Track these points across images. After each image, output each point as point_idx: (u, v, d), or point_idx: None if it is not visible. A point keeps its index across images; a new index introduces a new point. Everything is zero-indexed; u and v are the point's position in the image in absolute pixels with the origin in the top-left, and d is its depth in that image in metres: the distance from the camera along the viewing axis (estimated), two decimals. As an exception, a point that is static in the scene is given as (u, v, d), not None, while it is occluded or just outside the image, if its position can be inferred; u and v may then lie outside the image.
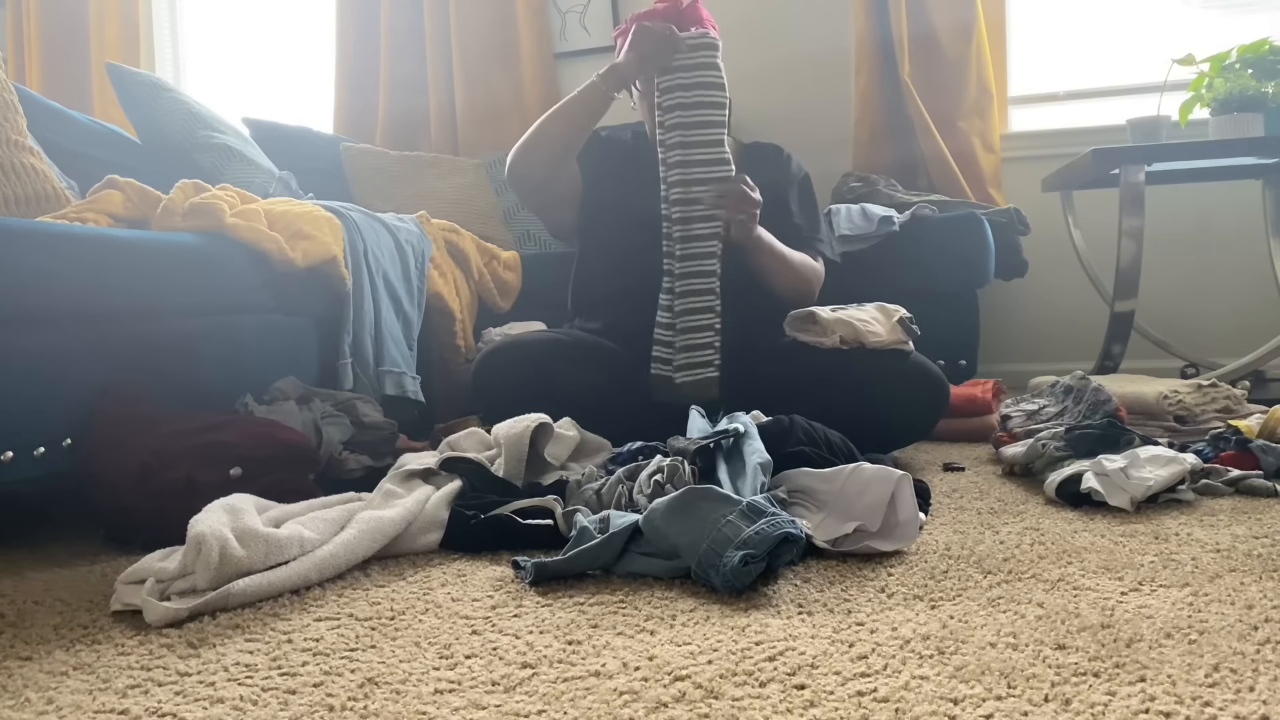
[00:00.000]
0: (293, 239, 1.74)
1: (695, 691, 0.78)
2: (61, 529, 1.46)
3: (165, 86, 2.47)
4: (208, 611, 1.01)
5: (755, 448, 1.33)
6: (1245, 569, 1.06)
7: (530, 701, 0.77)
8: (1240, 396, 1.88)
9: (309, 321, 1.85)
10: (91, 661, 0.90)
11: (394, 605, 1.03)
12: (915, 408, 1.73)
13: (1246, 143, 2.27)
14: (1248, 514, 1.31)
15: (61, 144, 2.18)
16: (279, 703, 0.79)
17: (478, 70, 3.32)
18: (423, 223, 2.29)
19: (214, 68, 3.78)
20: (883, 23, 2.93)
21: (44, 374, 1.29)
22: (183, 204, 1.65)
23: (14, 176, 1.69)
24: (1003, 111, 2.99)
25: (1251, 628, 0.87)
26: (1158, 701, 0.73)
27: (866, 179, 2.75)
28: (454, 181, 2.99)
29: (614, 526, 1.13)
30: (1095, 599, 0.97)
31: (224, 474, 1.31)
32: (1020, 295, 2.94)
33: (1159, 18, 2.91)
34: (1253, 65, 2.35)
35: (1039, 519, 1.32)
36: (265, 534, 1.08)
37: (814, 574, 1.09)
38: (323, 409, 1.63)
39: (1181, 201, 2.82)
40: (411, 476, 1.37)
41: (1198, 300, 2.86)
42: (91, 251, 1.36)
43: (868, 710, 0.73)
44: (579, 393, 1.70)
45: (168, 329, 1.50)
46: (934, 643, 0.86)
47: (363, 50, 3.42)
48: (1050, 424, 1.70)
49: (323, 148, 3.01)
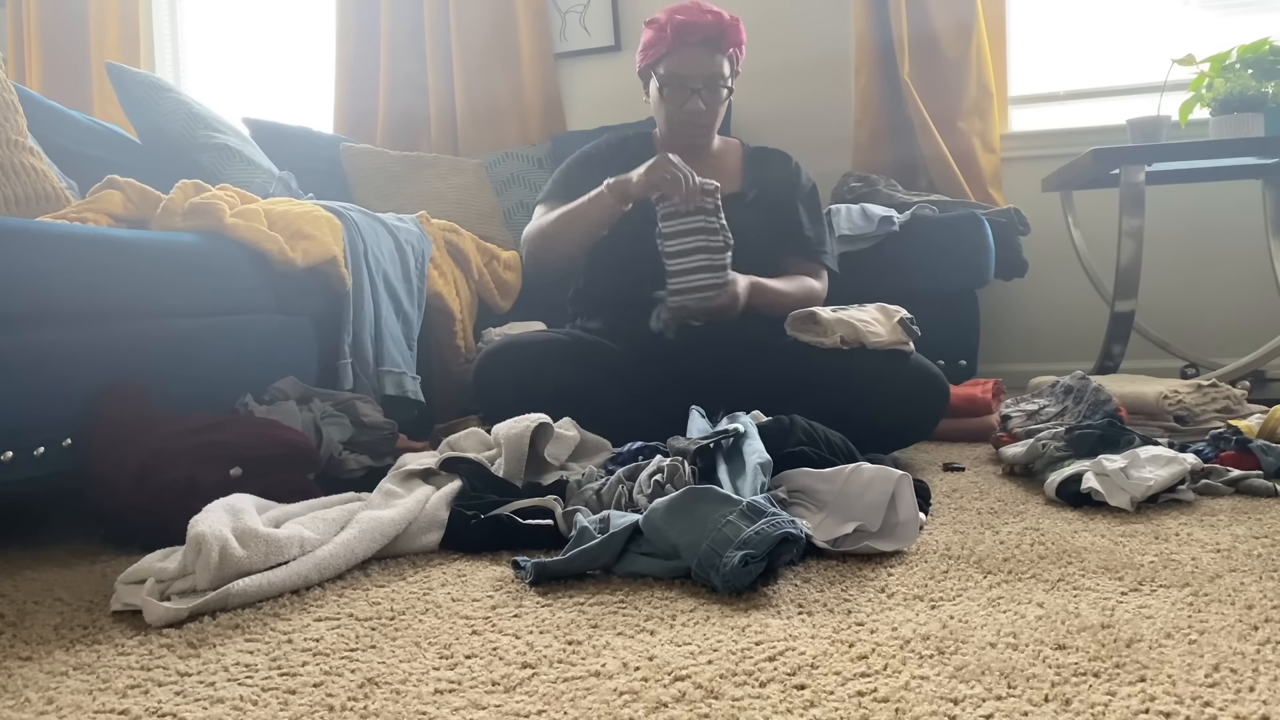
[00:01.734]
0: (293, 239, 1.74)
1: (695, 691, 0.78)
2: (61, 529, 1.46)
3: (165, 86, 2.47)
4: (208, 611, 1.01)
5: (755, 448, 1.33)
6: (1245, 569, 1.06)
7: (530, 701, 0.77)
8: (1240, 396, 1.88)
9: (309, 321, 1.85)
10: (91, 661, 0.90)
11: (394, 605, 1.03)
12: (915, 409, 1.73)
13: (1246, 143, 2.27)
14: (1248, 514, 1.31)
15: (61, 144, 2.18)
16: (279, 703, 0.79)
17: (478, 70, 3.32)
18: (423, 223, 2.29)
19: (214, 68, 3.78)
20: (883, 23, 2.93)
21: (44, 374, 1.29)
22: (183, 204, 1.65)
23: (14, 176, 1.69)
24: (1003, 111, 2.99)
25: (1251, 628, 0.87)
26: (1158, 701, 0.73)
27: (866, 179, 2.75)
28: (454, 181, 2.99)
29: (614, 527, 1.13)
30: (1095, 599, 0.97)
31: (224, 474, 1.31)
32: (1020, 295, 2.94)
33: (1159, 18, 2.91)
34: (1253, 65, 2.35)
35: (1039, 519, 1.32)
36: (265, 534, 1.08)
37: (814, 574, 1.09)
38: (323, 409, 1.63)
39: (1181, 201, 2.82)
40: (411, 476, 1.37)
41: (1198, 300, 2.86)
42: (91, 251, 1.36)
43: (868, 710, 0.73)
44: (579, 392, 1.70)
45: (168, 329, 1.50)
46: (934, 643, 0.86)
47: (363, 50, 3.42)
48: (1050, 424, 1.70)
49: (323, 148, 3.01)
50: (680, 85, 1.83)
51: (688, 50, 1.81)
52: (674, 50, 1.82)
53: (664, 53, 1.83)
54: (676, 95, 1.84)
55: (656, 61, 1.85)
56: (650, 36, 1.85)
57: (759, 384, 1.74)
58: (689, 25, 1.79)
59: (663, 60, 1.84)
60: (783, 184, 1.96)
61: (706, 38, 1.80)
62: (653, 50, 1.85)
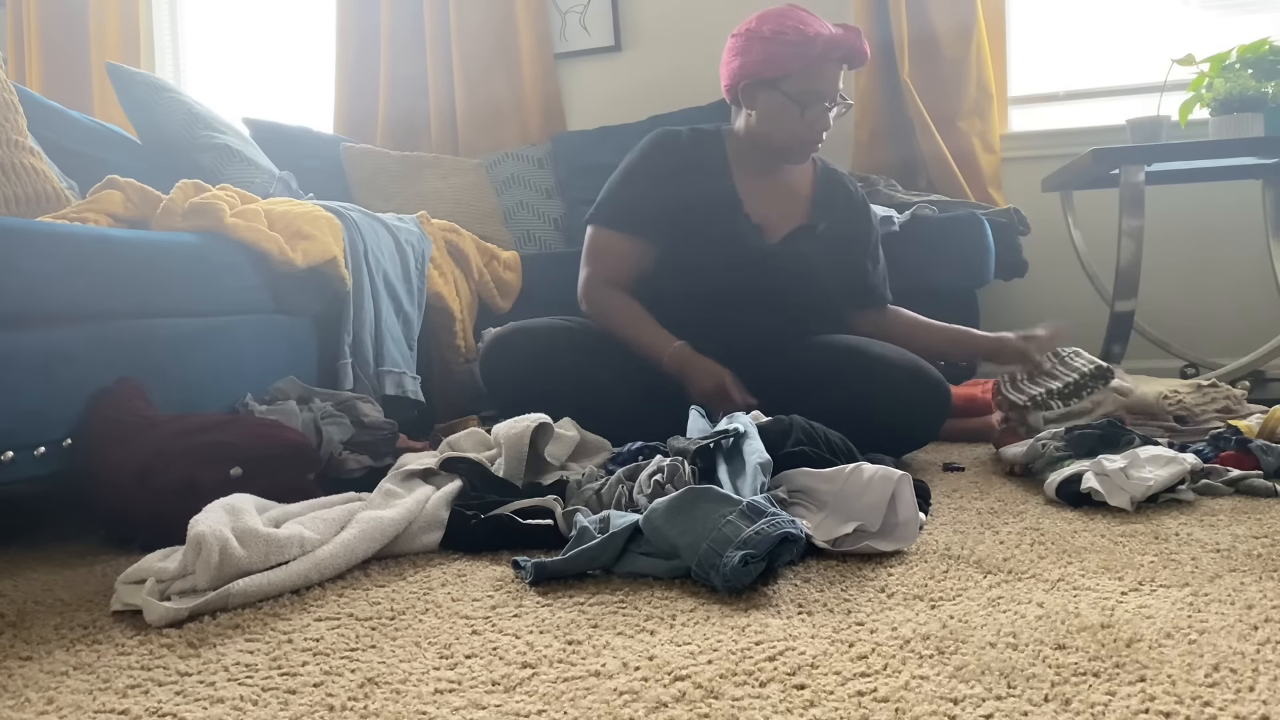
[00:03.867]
0: (293, 239, 1.74)
1: (695, 691, 0.78)
2: (61, 529, 1.46)
3: (165, 86, 2.47)
4: (208, 611, 1.01)
5: (755, 448, 1.33)
6: (1245, 569, 1.06)
7: (530, 701, 0.77)
8: (1240, 396, 1.88)
9: (309, 321, 1.85)
10: (91, 661, 0.90)
11: (394, 605, 1.03)
12: (917, 414, 1.73)
13: (1246, 143, 2.27)
14: (1248, 514, 1.31)
15: (61, 144, 2.18)
16: (279, 703, 0.79)
17: (478, 71, 3.32)
18: (423, 223, 2.29)
19: (214, 68, 3.78)
20: (883, 23, 2.93)
21: (44, 374, 1.29)
22: (183, 204, 1.65)
23: (14, 176, 1.69)
24: (1003, 111, 2.99)
25: (1251, 628, 0.87)
26: (1158, 701, 0.73)
27: (866, 179, 2.75)
28: (454, 181, 2.99)
29: (614, 526, 1.13)
30: (1095, 599, 0.97)
31: (224, 474, 1.31)
32: (1020, 295, 2.94)
33: (1159, 18, 2.91)
34: (1253, 65, 2.35)
35: (1039, 519, 1.32)
36: (265, 534, 1.08)
37: (814, 574, 1.09)
38: (323, 409, 1.63)
39: (1181, 201, 2.82)
40: (411, 476, 1.37)
41: (1198, 300, 2.86)
42: (91, 251, 1.36)
43: (868, 710, 0.73)
44: (584, 383, 1.71)
45: (168, 329, 1.50)
46: (934, 643, 0.86)
47: (363, 50, 3.42)
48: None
49: (323, 148, 3.01)
50: (817, 101, 1.76)
51: (830, 67, 1.75)
52: (816, 64, 1.73)
53: (800, 67, 1.74)
54: (812, 112, 1.77)
55: (785, 76, 1.75)
56: (774, 50, 1.74)
57: (763, 386, 1.73)
58: (835, 42, 1.73)
59: (798, 75, 1.74)
60: (849, 217, 1.93)
61: (848, 57, 1.75)
62: (780, 64, 1.74)
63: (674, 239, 1.82)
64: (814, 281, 1.86)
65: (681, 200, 1.82)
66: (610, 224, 1.86)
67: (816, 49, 1.72)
